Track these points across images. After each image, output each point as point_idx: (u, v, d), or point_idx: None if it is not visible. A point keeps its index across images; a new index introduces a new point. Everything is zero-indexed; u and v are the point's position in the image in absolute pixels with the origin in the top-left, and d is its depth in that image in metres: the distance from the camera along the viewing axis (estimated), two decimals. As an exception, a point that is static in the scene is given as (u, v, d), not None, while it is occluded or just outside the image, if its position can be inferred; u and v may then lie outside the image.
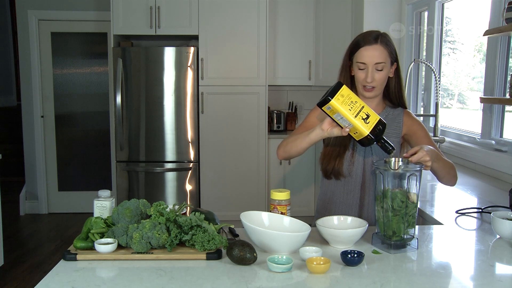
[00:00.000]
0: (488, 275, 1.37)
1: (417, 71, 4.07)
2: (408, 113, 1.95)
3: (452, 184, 1.89)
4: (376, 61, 1.80)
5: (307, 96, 5.30)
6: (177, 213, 1.57)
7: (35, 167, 5.40)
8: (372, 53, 1.80)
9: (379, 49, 1.81)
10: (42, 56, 5.34)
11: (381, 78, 1.84)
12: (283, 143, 1.91)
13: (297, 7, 4.94)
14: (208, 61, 4.63)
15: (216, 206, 4.51)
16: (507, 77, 2.75)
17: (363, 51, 1.82)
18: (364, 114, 1.57)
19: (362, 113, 1.57)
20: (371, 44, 1.81)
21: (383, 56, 1.81)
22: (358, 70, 1.85)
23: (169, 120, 4.63)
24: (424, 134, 1.92)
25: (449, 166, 1.82)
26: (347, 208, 1.93)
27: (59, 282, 1.28)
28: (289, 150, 1.87)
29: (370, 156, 1.89)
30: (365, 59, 1.81)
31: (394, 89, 1.93)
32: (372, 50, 1.81)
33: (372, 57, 1.80)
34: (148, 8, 4.56)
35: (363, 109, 1.58)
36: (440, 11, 3.65)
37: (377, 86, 1.85)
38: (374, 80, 1.82)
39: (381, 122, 1.59)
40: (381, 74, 1.83)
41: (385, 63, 1.82)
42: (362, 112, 1.57)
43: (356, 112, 1.57)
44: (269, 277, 1.31)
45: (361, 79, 1.85)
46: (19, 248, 4.36)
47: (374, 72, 1.82)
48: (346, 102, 1.56)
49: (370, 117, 1.57)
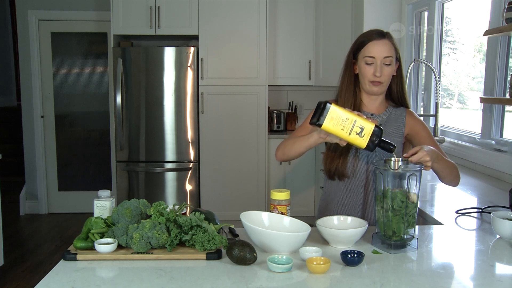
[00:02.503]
0: (488, 275, 1.36)
1: (417, 71, 4.07)
2: (411, 113, 1.95)
3: (455, 184, 1.88)
4: (385, 54, 1.81)
5: (307, 96, 5.30)
6: (177, 213, 1.57)
7: (35, 167, 5.40)
8: (382, 47, 1.82)
9: (388, 44, 1.83)
10: (42, 56, 5.34)
11: (389, 73, 1.85)
12: (282, 145, 1.91)
13: (297, 7, 4.94)
14: (208, 61, 4.63)
15: (216, 206, 4.51)
16: (507, 77, 2.75)
17: (372, 45, 1.82)
18: (358, 128, 1.55)
19: (355, 128, 1.55)
20: (380, 39, 1.83)
21: (391, 51, 1.83)
22: (366, 65, 1.84)
23: (169, 120, 4.63)
24: (426, 134, 1.92)
25: (451, 167, 1.82)
26: (350, 209, 1.93)
27: (59, 282, 1.28)
28: (287, 153, 1.87)
29: (373, 156, 1.89)
30: (375, 53, 1.81)
31: (396, 88, 1.93)
32: (381, 44, 1.82)
33: (381, 51, 1.81)
34: (148, 8, 4.56)
35: (356, 123, 1.55)
36: (440, 11, 3.65)
37: (385, 81, 1.85)
38: (382, 74, 1.82)
39: (377, 129, 1.56)
40: (389, 69, 1.84)
41: (392, 57, 1.83)
42: (355, 127, 1.55)
43: (349, 130, 1.55)
44: (269, 277, 1.31)
45: (369, 74, 1.84)
46: (19, 248, 4.36)
47: (383, 66, 1.82)
48: (337, 123, 1.55)
49: (364, 129, 1.55)
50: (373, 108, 1.93)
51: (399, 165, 1.51)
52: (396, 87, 1.93)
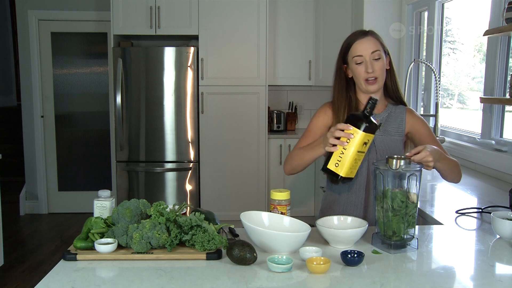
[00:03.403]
0: (488, 275, 1.36)
1: (417, 71, 4.07)
2: (411, 111, 1.97)
3: (457, 181, 1.90)
4: (372, 50, 1.84)
5: (307, 96, 5.30)
6: (177, 213, 1.57)
7: (35, 167, 5.40)
8: (367, 44, 1.85)
9: (372, 40, 1.86)
10: (42, 56, 5.34)
11: (381, 68, 1.86)
12: (289, 159, 1.94)
13: (297, 7, 4.94)
14: (208, 61, 4.63)
15: (216, 206, 4.51)
16: (507, 77, 2.75)
17: (357, 44, 1.86)
18: (359, 162, 1.62)
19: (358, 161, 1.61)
20: (363, 36, 1.87)
21: (377, 45, 1.86)
22: (357, 66, 1.86)
23: (169, 120, 4.63)
24: (427, 131, 1.93)
25: (453, 164, 1.83)
26: (352, 208, 1.93)
27: (59, 282, 1.28)
28: (296, 167, 1.91)
29: (374, 156, 1.89)
30: (361, 51, 1.84)
31: (390, 82, 1.95)
32: (366, 41, 1.85)
33: (367, 48, 1.84)
34: (148, 8, 4.56)
35: (361, 158, 1.61)
36: (440, 11, 3.65)
37: (379, 76, 1.86)
38: (374, 70, 1.84)
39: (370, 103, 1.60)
40: (379, 63, 1.85)
41: (380, 51, 1.85)
42: (359, 160, 1.61)
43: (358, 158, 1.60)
44: (269, 277, 1.31)
45: (362, 73, 1.86)
46: (19, 248, 4.36)
47: (373, 62, 1.84)
48: (362, 146, 1.59)
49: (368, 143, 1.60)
50: None
51: (401, 165, 1.50)
52: (391, 82, 1.95)
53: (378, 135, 1.88)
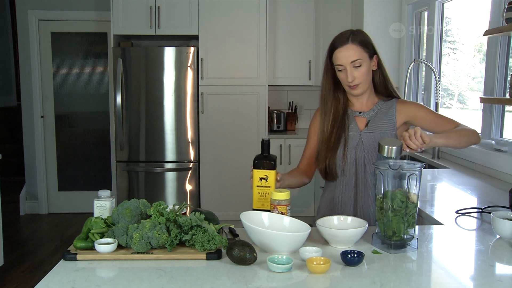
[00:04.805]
0: (488, 275, 1.36)
1: (417, 71, 4.07)
2: (402, 101, 1.97)
3: (475, 143, 1.86)
4: (351, 59, 1.83)
5: (307, 96, 5.30)
6: (177, 213, 1.57)
7: (35, 167, 5.40)
8: (346, 53, 1.84)
9: (352, 48, 1.84)
10: (42, 56, 5.34)
11: (362, 75, 1.86)
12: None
13: (297, 7, 4.94)
14: (208, 61, 4.63)
15: (216, 206, 4.50)
16: (507, 77, 2.75)
17: (337, 53, 1.86)
18: (267, 196, 1.76)
19: (266, 194, 1.77)
20: (343, 44, 1.84)
21: (357, 53, 1.84)
22: (338, 72, 1.89)
23: (169, 120, 4.63)
24: (425, 113, 1.92)
25: (459, 134, 1.79)
26: (343, 206, 1.97)
27: (59, 282, 1.28)
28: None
29: (362, 153, 1.92)
30: (341, 60, 1.85)
31: (379, 80, 1.95)
32: (345, 50, 1.84)
33: (346, 57, 1.84)
34: (148, 8, 4.56)
35: (267, 191, 1.78)
36: (440, 11, 3.65)
37: (361, 82, 1.87)
38: (354, 77, 1.85)
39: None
40: (360, 70, 1.85)
41: (361, 59, 1.84)
42: (267, 194, 1.77)
43: (262, 192, 1.77)
44: (269, 277, 1.31)
45: (344, 80, 1.89)
46: (19, 248, 4.36)
47: (353, 70, 1.84)
48: (259, 181, 1.79)
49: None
50: (360, 106, 1.97)
51: (392, 152, 1.56)
52: (379, 79, 1.95)
53: (366, 132, 1.91)
